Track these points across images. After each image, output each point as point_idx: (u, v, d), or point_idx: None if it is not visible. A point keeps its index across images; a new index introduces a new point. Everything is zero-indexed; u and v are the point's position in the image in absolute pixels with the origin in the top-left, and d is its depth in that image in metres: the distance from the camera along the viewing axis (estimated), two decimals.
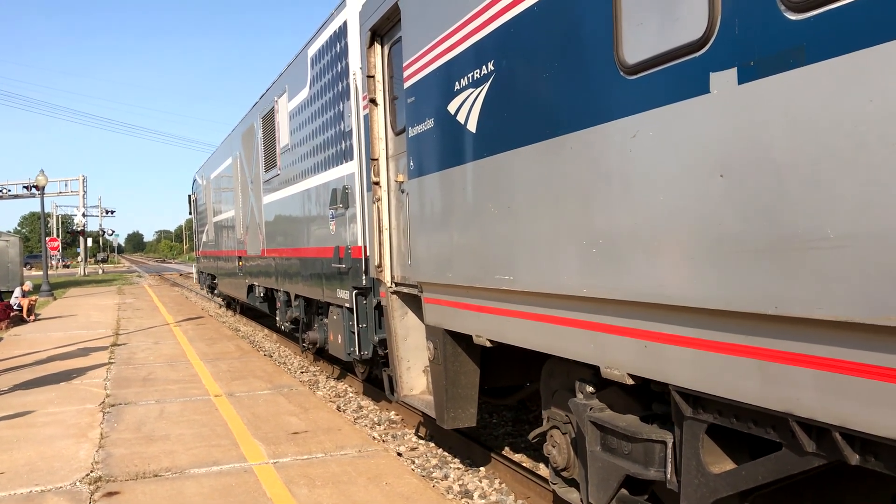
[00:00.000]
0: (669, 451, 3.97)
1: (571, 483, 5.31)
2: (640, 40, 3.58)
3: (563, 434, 5.27)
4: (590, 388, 4.66)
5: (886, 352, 2.52)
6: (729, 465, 3.61)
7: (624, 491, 4.44)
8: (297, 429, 8.27)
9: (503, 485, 6.99)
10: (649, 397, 4.29)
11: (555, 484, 5.46)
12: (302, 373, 13.41)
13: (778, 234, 2.85)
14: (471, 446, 7.88)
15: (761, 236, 2.92)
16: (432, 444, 8.45)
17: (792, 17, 2.76)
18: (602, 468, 4.44)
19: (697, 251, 3.27)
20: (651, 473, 4.07)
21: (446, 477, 7.28)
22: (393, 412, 9.94)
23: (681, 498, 3.78)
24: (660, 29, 3.45)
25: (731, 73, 3.03)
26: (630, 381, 3.98)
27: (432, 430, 8.64)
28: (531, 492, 6.59)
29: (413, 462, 7.80)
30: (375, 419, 9.75)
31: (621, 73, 3.69)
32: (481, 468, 7.48)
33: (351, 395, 11.39)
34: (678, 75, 3.33)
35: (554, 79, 4.28)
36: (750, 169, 2.97)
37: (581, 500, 5.04)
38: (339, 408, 10.32)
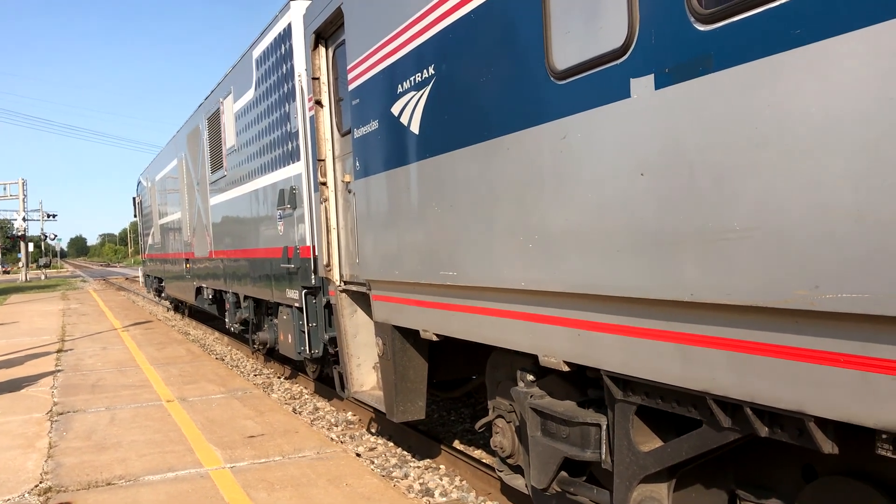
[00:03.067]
0: (604, 433, 4.22)
1: (517, 470, 5.54)
2: (568, 47, 3.81)
3: (508, 423, 5.50)
4: (530, 377, 4.90)
5: (784, 332, 2.79)
6: (658, 444, 3.87)
7: (564, 474, 4.68)
8: (253, 432, 8.24)
9: (463, 482, 7.05)
10: (585, 383, 4.54)
11: (501, 472, 5.69)
12: (255, 375, 13.36)
13: (691, 228, 3.10)
14: (430, 444, 7.93)
15: (677, 230, 3.18)
16: (391, 444, 8.51)
17: (701, 28, 3.01)
18: (542, 452, 4.68)
19: (622, 244, 3.51)
20: (588, 455, 4.31)
21: (406, 476, 7.32)
22: (350, 412, 9.96)
23: (614, 476, 4.04)
24: (585, 37, 3.69)
25: (649, 80, 3.28)
26: (566, 368, 4.22)
27: (391, 430, 8.74)
28: (492, 488, 6.67)
29: (372, 462, 7.80)
30: (332, 420, 9.77)
31: (552, 79, 3.93)
32: (441, 466, 7.54)
33: (306, 396, 11.38)
34: (603, 81, 3.57)
35: (490, 83, 4.50)
36: (667, 168, 3.22)
37: (526, 486, 5.28)
38: (294, 410, 10.31)
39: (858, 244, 2.46)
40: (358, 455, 7.94)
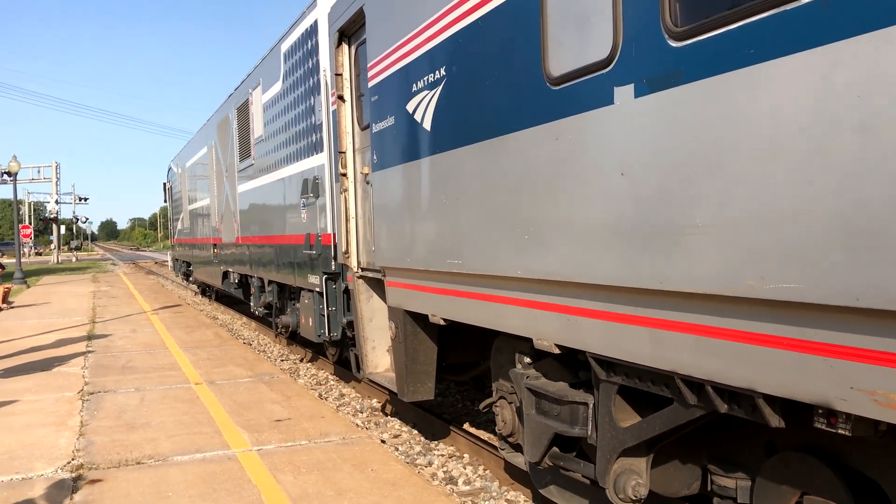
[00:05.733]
0: (591, 412, 4.58)
1: (518, 448, 5.91)
2: (562, 56, 4.17)
3: (510, 404, 5.87)
4: (527, 360, 5.27)
5: (738, 318, 3.14)
6: (637, 420, 4.23)
7: (556, 449, 5.05)
8: (280, 416, 8.31)
9: (487, 471, 7.14)
10: (577, 366, 4.90)
11: (503, 449, 6.07)
12: (282, 361, 13.54)
13: (661, 223, 3.45)
14: (454, 433, 8.09)
15: (650, 224, 3.53)
16: (415, 432, 8.61)
17: (673, 44, 3.35)
18: (536, 428, 5.05)
19: (603, 237, 3.87)
20: (576, 431, 4.68)
21: (430, 463, 7.39)
22: (375, 399, 10.09)
23: (597, 450, 4.40)
24: (577, 47, 4.04)
25: (630, 88, 3.62)
26: (557, 351, 4.58)
27: (415, 418, 8.94)
28: (515, 478, 6.74)
29: (397, 449, 7.87)
30: (357, 406, 9.87)
31: (547, 84, 4.28)
32: (465, 455, 7.61)
33: (332, 382, 11.53)
34: (591, 88, 3.92)
35: (494, 86, 4.87)
36: (643, 168, 3.57)
37: (525, 463, 5.66)
38: (320, 395, 10.39)
39: (793, 240, 2.80)
40: (383, 441, 8.01)
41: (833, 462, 3.38)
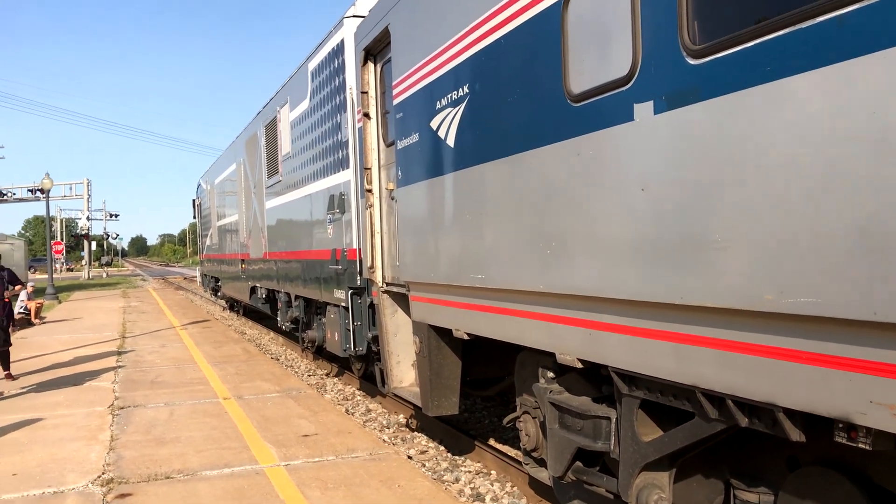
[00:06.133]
0: (613, 426, 4.60)
1: (541, 463, 5.93)
2: (582, 73, 4.23)
3: (533, 418, 5.89)
4: (550, 374, 5.30)
5: (757, 332, 3.16)
6: (659, 435, 4.25)
7: (579, 464, 5.06)
8: (307, 431, 8.38)
9: (514, 488, 7.09)
10: (600, 381, 4.92)
11: (527, 464, 6.09)
12: (309, 376, 13.62)
13: (681, 238, 3.49)
14: (481, 449, 8.06)
15: (670, 239, 3.57)
16: (442, 448, 8.59)
17: (691, 61, 3.40)
18: (559, 443, 5.07)
19: (624, 252, 3.91)
20: (599, 445, 4.69)
21: (457, 480, 7.36)
22: (401, 415, 10.09)
23: (619, 464, 4.42)
24: (597, 65, 4.10)
25: (649, 105, 3.67)
26: (579, 365, 4.61)
27: (442, 434, 8.94)
28: (543, 496, 6.65)
29: (424, 465, 7.86)
30: (384, 422, 9.86)
31: (568, 101, 4.34)
32: (492, 471, 7.59)
33: (359, 398, 11.58)
34: (611, 105, 3.97)
35: (516, 103, 4.94)
36: (663, 184, 3.61)
37: (549, 478, 5.67)
38: (347, 410, 10.45)
39: (810, 254, 2.82)
40: (409, 457, 8.02)
41: (855, 476, 3.37)
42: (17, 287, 12.43)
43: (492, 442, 8.67)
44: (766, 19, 3.02)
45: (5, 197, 58.84)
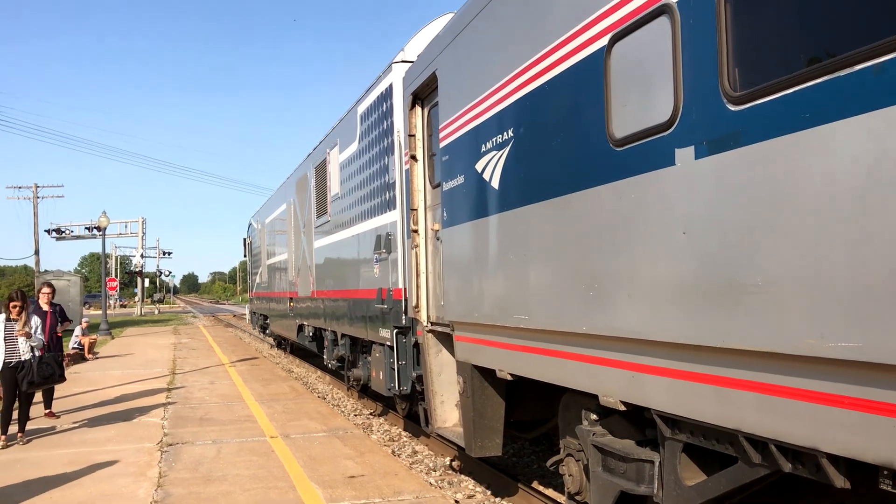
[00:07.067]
0: (657, 470, 4.57)
1: None
2: (625, 119, 4.30)
3: (577, 461, 5.87)
4: (593, 416, 5.29)
5: (799, 376, 3.15)
6: (702, 479, 4.21)
7: None
8: (353, 472, 8.34)
9: None
10: (644, 424, 4.90)
11: None
12: (355, 415, 13.57)
13: (721, 281, 3.51)
14: (529, 495, 7.96)
15: (710, 282, 3.59)
16: (489, 492, 8.49)
17: (731, 108, 3.46)
18: (602, 486, 5.05)
19: (665, 294, 3.94)
20: (642, 489, 4.66)
21: None
22: (448, 458, 9.98)
23: None
24: (639, 110, 4.17)
25: (690, 150, 3.73)
26: (622, 407, 4.61)
27: (489, 478, 8.88)
28: None
29: None
30: (431, 465, 9.77)
31: (611, 145, 4.41)
32: None
33: (405, 439, 11.52)
34: (653, 149, 4.03)
35: (559, 147, 5.03)
36: (704, 227, 3.65)
37: None
38: (394, 452, 10.38)
39: (851, 299, 2.83)
40: (456, 502, 7.95)
41: None
42: (67, 323, 12.80)
43: (540, 487, 8.56)
44: (805, 67, 3.07)
45: (64, 234, 60.61)
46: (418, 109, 8.64)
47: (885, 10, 2.76)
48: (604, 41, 4.50)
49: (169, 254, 78.66)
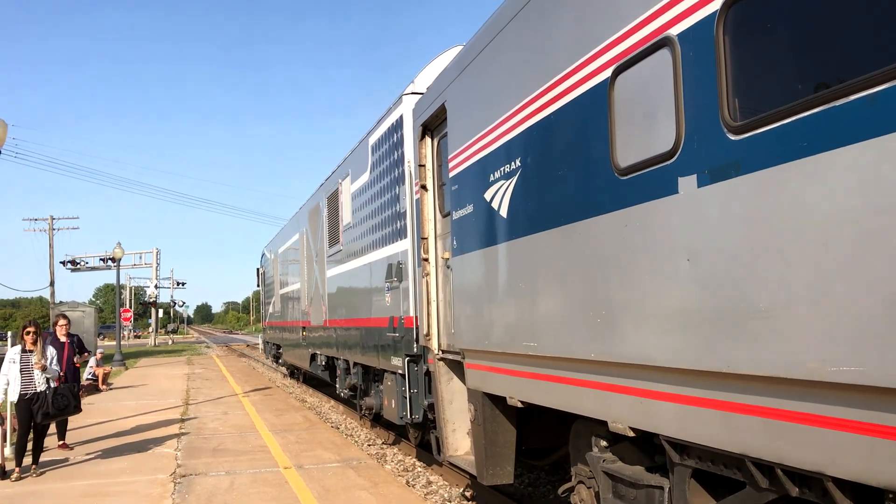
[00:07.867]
0: (666, 495, 4.59)
1: None
2: (629, 148, 4.39)
3: (588, 488, 5.88)
4: (603, 443, 5.32)
5: (803, 400, 3.19)
6: None
7: None
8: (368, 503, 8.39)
9: None
10: (653, 449, 4.93)
11: None
12: (369, 445, 13.62)
13: (726, 307, 3.56)
14: None
15: (715, 308, 3.64)
16: None
17: (732, 137, 3.53)
18: None
19: (671, 320, 3.99)
20: None
21: None
22: (462, 488, 9.95)
23: None
24: (642, 140, 4.25)
25: (693, 179, 3.80)
26: (631, 434, 4.64)
27: None
28: None
29: None
30: (446, 495, 9.74)
31: (615, 174, 4.49)
32: None
33: (419, 469, 11.51)
34: (656, 178, 4.11)
35: (565, 176, 5.11)
36: (707, 254, 3.71)
37: None
38: (408, 482, 10.37)
39: (852, 323, 2.88)
40: None
41: None
42: (85, 354, 12.89)
43: None
44: (801, 98, 3.15)
45: (79, 266, 61.04)
46: (428, 140, 8.77)
47: (877, 43, 2.84)
48: (607, 73, 4.60)
49: (183, 284, 79.02)
